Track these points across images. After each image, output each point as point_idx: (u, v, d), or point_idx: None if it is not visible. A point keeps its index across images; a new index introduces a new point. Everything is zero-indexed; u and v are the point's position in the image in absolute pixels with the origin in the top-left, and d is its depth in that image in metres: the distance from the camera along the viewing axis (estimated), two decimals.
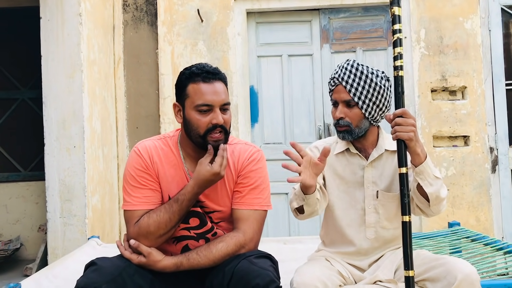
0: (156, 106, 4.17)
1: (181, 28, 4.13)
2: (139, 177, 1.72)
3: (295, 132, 4.20)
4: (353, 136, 1.85)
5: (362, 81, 1.81)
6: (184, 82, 1.71)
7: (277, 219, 4.08)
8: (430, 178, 1.69)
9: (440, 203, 1.74)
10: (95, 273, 1.53)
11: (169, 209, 1.67)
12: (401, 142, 1.64)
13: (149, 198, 1.72)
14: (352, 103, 1.83)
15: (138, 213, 1.70)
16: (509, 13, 4.07)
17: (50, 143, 3.37)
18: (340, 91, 1.84)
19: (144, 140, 1.81)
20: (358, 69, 1.83)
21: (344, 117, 1.84)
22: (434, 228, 3.70)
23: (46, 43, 3.39)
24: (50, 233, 3.36)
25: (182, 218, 1.70)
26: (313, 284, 1.60)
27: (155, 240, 1.68)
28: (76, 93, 3.37)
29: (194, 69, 1.71)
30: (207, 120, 1.67)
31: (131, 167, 1.74)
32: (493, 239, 2.63)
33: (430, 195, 1.70)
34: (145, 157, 1.74)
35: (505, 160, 4.00)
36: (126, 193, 1.73)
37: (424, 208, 1.78)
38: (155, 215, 1.67)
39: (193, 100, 1.68)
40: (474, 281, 1.58)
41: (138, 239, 1.67)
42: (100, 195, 3.65)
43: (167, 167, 1.76)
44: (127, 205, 1.72)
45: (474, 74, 4.00)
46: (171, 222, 1.67)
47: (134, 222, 1.69)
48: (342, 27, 4.23)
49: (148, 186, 1.73)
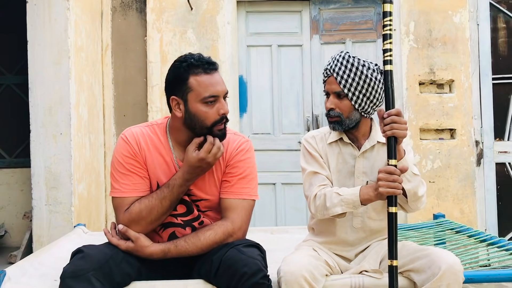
0: (144, 94, 4.14)
1: (170, 15, 4.09)
2: (127, 164, 1.72)
3: (283, 123, 4.20)
4: (343, 127, 1.87)
5: (352, 73, 1.83)
6: (184, 74, 1.67)
7: (264, 209, 4.09)
8: (408, 175, 1.73)
9: (418, 200, 1.79)
10: (82, 260, 1.53)
11: (160, 194, 1.68)
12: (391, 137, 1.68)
13: (138, 185, 1.72)
14: (342, 95, 1.85)
15: (128, 200, 1.70)
16: (497, 7, 4.10)
17: (36, 129, 3.33)
18: (332, 82, 1.87)
19: (131, 127, 1.80)
20: (349, 61, 1.84)
21: (335, 108, 1.86)
22: (419, 220, 3.74)
23: (32, 28, 3.33)
24: (35, 221, 3.34)
25: (174, 205, 1.70)
26: (300, 273, 1.61)
27: (147, 226, 1.68)
28: (63, 80, 3.33)
29: (192, 61, 1.68)
30: (214, 111, 1.67)
31: (119, 154, 1.73)
32: (476, 231, 2.67)
33: (408, 191, 1.74)
34: (133, 144, 1.73)
35: (490, 154, 4.05)
36: (115, 180, 1.72)
37: (403, 204, 1.83)
38: (147, 201, 1.68)
39: (198, 93, 1.66)
40: (457, 271, 1.61)
41: (130, 226, 1.67)
42: (86, 183, 3.62)
43: (155, 154, 1.75)
44: (116, 192, 1.72)
45: (461, 68, 4.03)
46: (162, 207, 1.67)
47: (124, 209, 1.69)
48: (332, 18, 4.22)
49: (137, 172, 1.72)
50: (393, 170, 1.66)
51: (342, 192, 1.77)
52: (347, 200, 1.74)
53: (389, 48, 1.68)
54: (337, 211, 1.76)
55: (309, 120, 4.17)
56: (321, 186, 1.85)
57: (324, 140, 1.95)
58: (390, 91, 1.70)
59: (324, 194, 1.80)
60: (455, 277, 1.60)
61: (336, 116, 1.86)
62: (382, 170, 1.68)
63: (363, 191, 1.74)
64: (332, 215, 1.79)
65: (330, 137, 1.94)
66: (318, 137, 1.96)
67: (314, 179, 1.88)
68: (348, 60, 1.85)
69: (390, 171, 1.66)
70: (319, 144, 1.94)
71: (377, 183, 1.68)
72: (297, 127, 4.19)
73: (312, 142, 1.95)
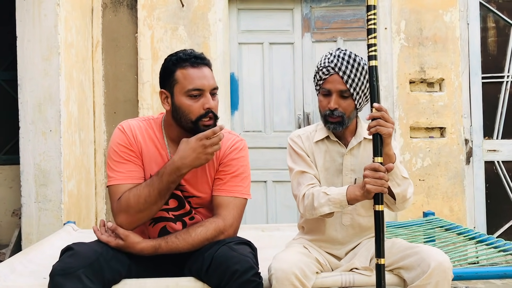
0: (134, 91, 4.12)
1: (161, 12, 4.07)
2: (122, 153, 1.71)
3: (274, 121, 4.20)
4: (343, 127, 1.85)
5: (358, 72, 1.80)
6: (172, 68, 1.69)
7: (255, 207, 4.10)
8: (398, 179, 1.74)
9: (406, 202, 1.80)
10: (72, 258, 1.52)
11: (149, 182, 1.66)
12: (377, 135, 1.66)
13: (133, 172, 1.70)
14: (347, 94, 1.81)
15: (122, 188, 1.67)
16: (487, 7, 4.13)
17: (25, 126, 3.30)
18: (336, 81, 1.81)
19: (128, 120, 1.80)
20: (356, 60, 1.81)
21: (338, 107, 1.82)
22: (409, 218, 3.77)
23: (22, 24, 3.30)
24: (24, 218, 3.31)
25: (164, 195, 1.65)
26: (291, 271, 1.62)
27: (136, 215, 1.64)
28: (52, 76, 3.30)
29: (181, 55, 1.69)
30: (198, 105, 1.66)
31: (114, 143, 1.73)
32: (466, 229, 2.69)
33: (397, 195, 1.76)
34: (129, 134, 1.73)
35: (479, 152, 4.09)
36: (110, 169, 1.72)
37: (390, 205, 1.85)
38: (135, 189, 1.65)
39: (183, 86, 1.67)
40: (446, 269, 1.62)
41: (119, 215, 1.65)
42: (76, 180, 3.60)
43: (151, 147, 1.75)
44: (111, 180, 1.70)
45: (452, 67, 4.05)
46: (150, 196, 1.63)
47: (117, 198, 1.67)
48: (324, 16, 4.23)
49: (132, 161, 1.71)
50: (378, 166, 1.64)
51: (330, 191, 1.76)
52: (334, 200, 1.74)
53: (374, 43, 1.64)
54: (324, 211, 1.76)
55: (300, 118, 4.17)
56: (310, 186, 1.84)
57: (310, 139, 1.94)
58: (376, 88, 1.66)
59: (312, 194, 1.79)
60: (444, 275, 1.61)
61: (339, 116, 1.83)
62: (367, 167, 1.66)
63: (349, 190, 1.73)
64: (320, 215, 1.79)
65: (316, 135, 1.93)
66: (304, 136, 1.95)
67: (301, 179, 1.87)
68: (354, 59, 1.81)
69: (375, 167, 1.64)
70: (305, 143, 1.93)
71: (363, 180, 1.67)
72: (288, 125, 4.19)
73: (298, 141, 1.94)
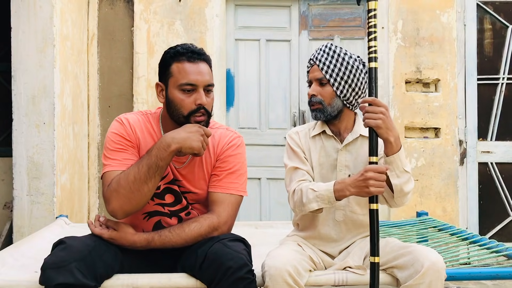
0: (129, 85, 4.09)
1: (158, 6, 4.05)
2: (118, 142, 1.69)
3: (270, 118, 4.19)
4: (325, 115, 1.89)
5: (334, 60, 1.88)
6: (168, 61, 1.69)
7: (248, 203, 4.09)
8: (398, 170, 1.73)
9: (404, 197, 1.78)
10: (64, 251, 1.50)
11: (139, 161, 1.62)
12: (372, 131, 1.67)
13: (128, 161, 1.67)
14: (324, 81, 1.89)
15: (116, 174, 1.64)
16: (484, 8, 4.14)
17: (18, 118, 3.27)
18: (314, 70, 1.92)
19: (126, 113, 1.79)
20: (331, 49, 1.91)
21: (316, 94, 1.90)
22: (402, 217, 3.78)
23: (16, 15, 3.26)
24: (16, 211, 3.28)
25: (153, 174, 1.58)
26: (284, 268, 1.61)
27: (126, 196, 1.58)
28: (47, 68, 3.27)
29: (179, 49, 1.69)
30: (190, 101, 1.65)
31: (111, 134, 1.71)
32: (458, 229, 2.71)
33: (395, 186, 1.74)
34: (127, 126, 1.72)
35: (473, 153, 4.10)
36: (105, 157, 1.69)
37: (388, 199, 1.82)
38: (126, 170, 1.62)
39: (177, 79, 1.66)
40: (440, 269, 1.62)
41: (111, 199, 1.60)
42: (69, 174, 3.58)
43: (149, 140, 1.74)
44: (105, 167, 1.68)
45: (447, 68, 4.06)
46: (139, 173, 1.57)
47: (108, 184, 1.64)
48: (321, 14, 4.22)
49: (127, 150, 1.69)
50: (383, 169, 1.66)
51: (317, 188, 1.76)
52: (322, 196, 1.74)
53: (374, 45, 1.68)
54: (313, 207, 1.76)
55: (296, 115, 4.17)
56: (300, 182, 1.84)
57: (308, 135, 1.96)
58: (374, 89, 1.68)
59: (300, 190, 1.80)
60: (437, 275, 1.61)
61: (318, 102, 1.89)
62: (372, 169, 1.65)
63: (336, 186, 1.73)
64: (309, 211, 1.79)
65: (313, 130, 1.96)
66: (302, 132, 1.98)
67: (294, 175, 1.89)
68: (330, 48, 1.91)
69: (381, 170, 1.65)
70: (302, 139, 1.95)
71: (367, 182, 1.65)
72: (284, 123, 4.19)
73: (295, 138, 1.96)
